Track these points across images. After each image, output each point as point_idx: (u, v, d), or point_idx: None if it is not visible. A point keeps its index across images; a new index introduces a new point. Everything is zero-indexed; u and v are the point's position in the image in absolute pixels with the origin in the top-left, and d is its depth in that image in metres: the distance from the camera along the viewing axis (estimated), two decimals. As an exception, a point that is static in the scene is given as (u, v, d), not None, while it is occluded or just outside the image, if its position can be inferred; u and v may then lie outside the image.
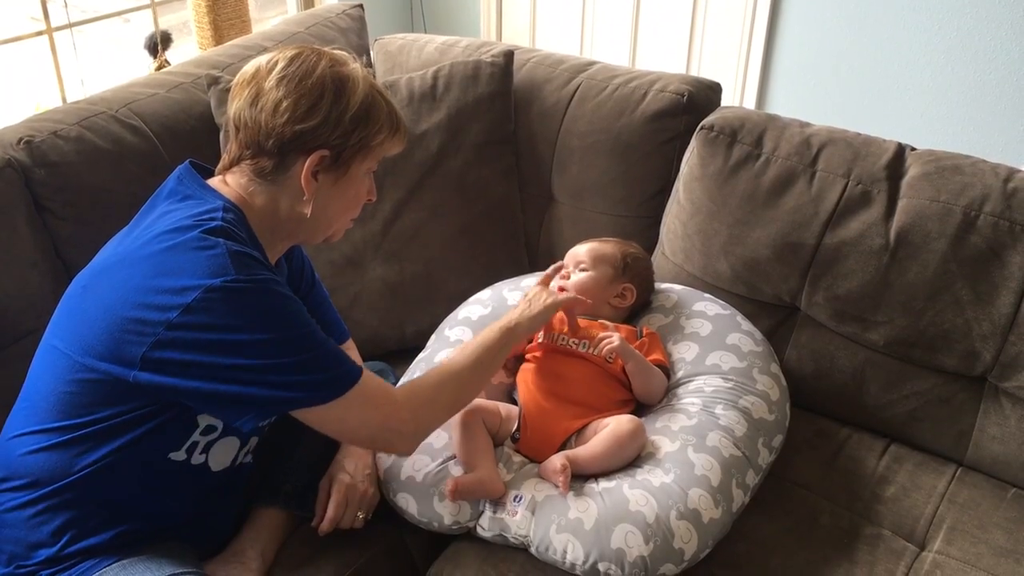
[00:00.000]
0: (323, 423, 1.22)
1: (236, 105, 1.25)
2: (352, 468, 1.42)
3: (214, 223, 1.19)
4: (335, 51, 1.29)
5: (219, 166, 1.31)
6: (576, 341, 1.53)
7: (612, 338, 1.47)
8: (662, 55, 3.38)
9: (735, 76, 3.24)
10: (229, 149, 1.29)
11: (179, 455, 1.26)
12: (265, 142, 1.23)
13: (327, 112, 1.22)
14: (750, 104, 3.24)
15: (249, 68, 1.27)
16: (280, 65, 1.24)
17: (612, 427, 1.40)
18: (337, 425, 1.23)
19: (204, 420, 1.25)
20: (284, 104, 1.21)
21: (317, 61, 1.24)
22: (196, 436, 1.26)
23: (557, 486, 1.34)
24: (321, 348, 1.20)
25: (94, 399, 1.20)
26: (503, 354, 1.39)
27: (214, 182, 1.29)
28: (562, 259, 1.68)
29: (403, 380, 1.58)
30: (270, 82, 1.23)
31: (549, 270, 1.60)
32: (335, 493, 1.39)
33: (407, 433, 1.28)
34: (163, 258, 1.16)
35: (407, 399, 1.28)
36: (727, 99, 1.96)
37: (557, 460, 1.34)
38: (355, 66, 1.28)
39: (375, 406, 1.23)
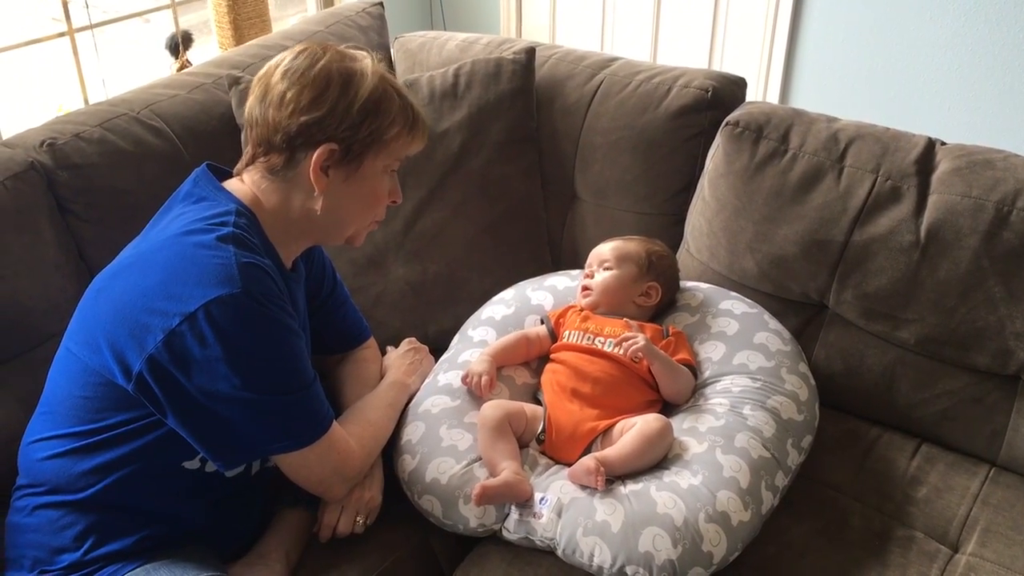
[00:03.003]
0: (286, 463, 1.25)
1: (248, 103, 1.26)
2: None
3: (226, 229, 1.18)
4: (347, 47, 1.28)
5: (237, 165, 1.31)
6: (602, 340, 1.52)
7: (637, 339, 1.45)
8: (684, 50, 3.36)
9: (758, 70, 3.21)
10: (246, 149, 1.29)
11: (192, 464, 1.25)
12: (274, 137, 1.22)
13: (333, 103, 1.21)
14: (773, 99, 3.21)
15: (262, 68, 1.27)
16: (286, 60, 1.24)
17: (640, 426, 1.38)
18: (298, 467, 1.26)
19: None
20: (288, 96, 1.21)
21: (323, 54, 1.24)
22: None
23: (591, 486, 1.32)
24: (306, 391, 1.22)
25: (104, 404, 1.20)
26: None
27: (231, 183, 1.29)
28: (586, 257, 1.67)
29: (426, 381, 1.58)
30: (276, 76, 1.23)
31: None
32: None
33: (350, 480, 1.33)
34: (173, 263, 1.16)
35: (359, 447, 1.34)
36: (750, 94, 1.93)
37: (589, 461, 1.32)
38: (365, 60, 1.27)
39: (337, 451, 1.28)
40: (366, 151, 1.25)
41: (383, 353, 1.64)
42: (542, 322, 1.63)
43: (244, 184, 1.28)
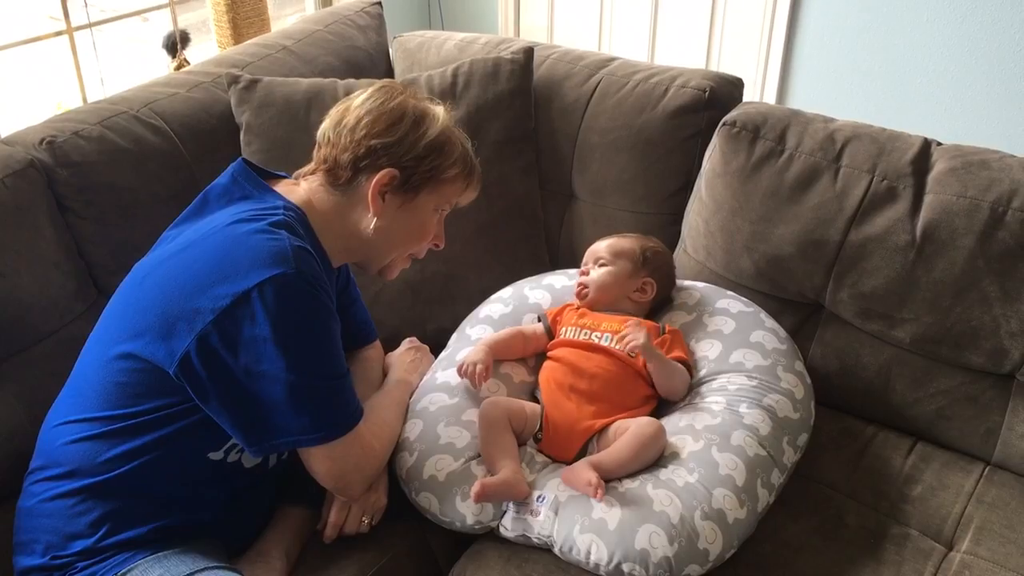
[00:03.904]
0: (311, 456, 1.26)
1: (323, 126, 1.34)
2: None
3: (277, 216, 1.23)
4: (425, 97, 1.39)
5: (298, 171, 1.37)
6: (599, 335, 1.53)
7: (638, 337, 1.46)
8: (681, 50, 3.36)
9: (755, 71, 3.22)
10: (311, 163, 1.36)
11: (217, 455, 1.27)
12: (342, 155, 1.30)
13: (404, 134, 1.30)
14: (770, 99, 3.22)
15: (343, 100, 1.36)
16: (368, 91, 1.34)
17: (634, 430, 1.39)
18: (322, 460, 1.26)
19: None
20: (365, 120, 1.30)
21: (402, 92, 1.34)
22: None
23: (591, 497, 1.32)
24: (342, 379, 1.24)
25: (140, 390, 1.21)
26: None
27: (283, 185, 1.34)
28: (583, 255, 1.68)
29: (424, 379, 1.58)
30: (355, 104, 1.33)
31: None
32: (337, 498, 1.38)
33: (368, 478, 1.34)
34: (224, 247, 1.19)
35: (379, 446, 1.36)
36: (747, 94, 1.94)
37: (586, 473, 1.32)
38: (439, 107, 1.37)
39: (361, 447, 1.29)
40: (423, 185, 1.33)
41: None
42: (539, 320, 1.64)
43: (299, 187, 1.34)
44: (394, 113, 1.30)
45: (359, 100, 1.33)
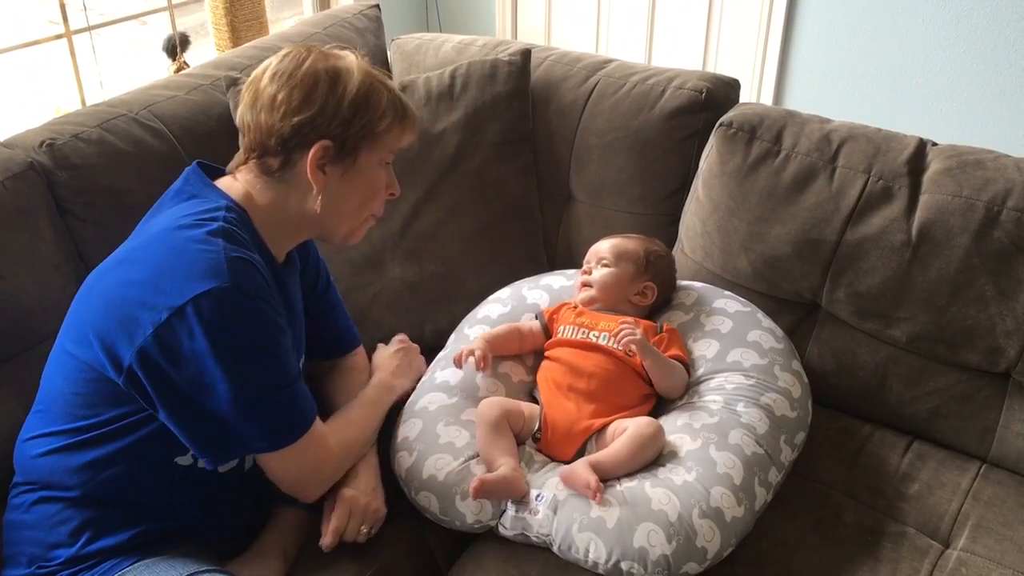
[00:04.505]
0: (265, 461, 1.26)
1: (239, 110, 1.28)
2: (358, 483, 1.39)
3: (215, 224, 1.19)
4: (331, 47, 1.30)
5: (230, 164, 1.32)
6: (596, 334, 1.53)
7: (635, 333, 1.46)
8: (678, 52, 3.37)
9: (752, 72, 3.22)
10: (240, 152, 1.30)
11: (185, 459, 1.26)
12: (268, 140, 1.24)
13: (323, 101, 1.23)
14: (767, 100, 3.23)
15: (250, 75, 1.29)
16: (273, 64, 1.26)
17: (633, 430, 1.39)
18: (275, 466, 1.26)
19: None
20: (279, 98, 1.22)
21: (308, 55, 1.25)
22: None
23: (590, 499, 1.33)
24: (290, 388, 1.22)
25: (96, 400, 1.21)
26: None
27: (223, 180, 1.30)
28: (582, 256, 1.69)
29: (423, 379, 1.59)
30: (264, 81, 1.25)
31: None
32: (339, 506, 1.36)
33: (325, 482, 1.33)
34: (162, 257, 1.17)
35: (338, 447, 1.33)
36: (743, 95, 1.95)
37: (585, 475, 1.32)
38: (350, 57, 1.28)
39: (315, 452, 1.27)
40: (360, 145, 1.27)
41: (374, 350, 1.65)
42: (536, 318, 1.64)
43: (237, 181, 1.29)
44: (306, 81, 1.22)
45: (267, 75, 1.24)
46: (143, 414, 1.20)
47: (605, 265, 1.62)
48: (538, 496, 1.35)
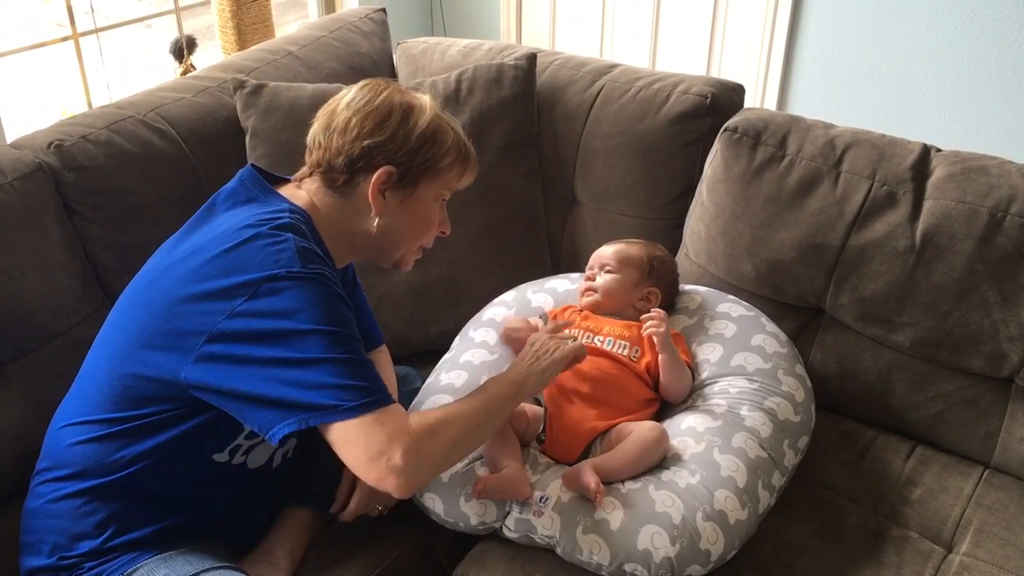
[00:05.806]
0: (342, 441, 1.16)
1: (312, 131, 1.33)
2: None
3: (282, 219, 1.23)
4: (408, 87, 1.37)
5: (295, 175, 1.36)
6: (601, 339, 1.54)
7: (660, 326, 1.47)
8: (682, 57, 3.38)
9: (756, 77, 3.23)
10: (304, 167, 1.35)
11: (222, 457, 1.28)
12: (336, 160, 1.29)
13: (394, 130, 1.29)
14: (771, 105, 3.23)
15: (327, 102, 1.35)
16: (351, 92, 1.32)
17: (636, 434, 1.40)
18: (343, 443, 1.16)
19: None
20: (353, 122, 1.28)
21: (385, 88, 1.33)
22: (240, 440, 1.28)
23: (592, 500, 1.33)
24: (364, 360, 1.19)
25: (146, 394, 1.22)
26: (511, 407, 1.33)
27: (285, 188, 1.34)
28: (586, 260, 1.69)
29: (428, 381, 1.59)
30: (340, 106, 1.31)
31: (555, 324, 1.51)
32: (360, 487, 1.40)
33: (408, 472, 1.18)
34: (232, 253, 1.19)
35: (427, 434, 1.20)
36: (748, 101, 1.95)
37: (586, 477, 1.33)
38: (424, 97, 1.35)
39: (387, 430, 1.16)
40: (421, 177, 1.32)
41: (534, 329, 1.58)
42: (540, 318, 1.65)
43: (300, 190, 1.33)
44: (381, 110, 1.29)
45: (345, 101, 1.31)
46: (188, 408, 1.21)
47: (609, 271, 1.63)
48: (542, 498, 1.36)
